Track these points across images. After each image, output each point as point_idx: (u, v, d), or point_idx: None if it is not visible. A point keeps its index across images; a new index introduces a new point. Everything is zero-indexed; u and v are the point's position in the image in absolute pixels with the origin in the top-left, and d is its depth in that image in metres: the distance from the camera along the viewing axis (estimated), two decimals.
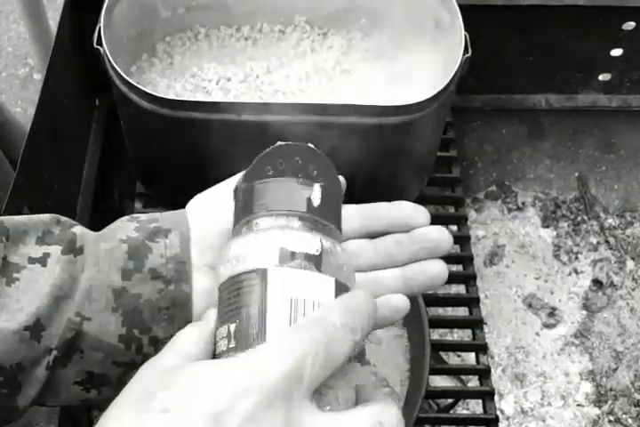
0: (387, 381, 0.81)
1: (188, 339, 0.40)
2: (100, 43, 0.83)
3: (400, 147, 0.89)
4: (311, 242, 0.40)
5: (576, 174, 1.28)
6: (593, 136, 1.30)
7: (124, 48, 0.92)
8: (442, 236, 0.52)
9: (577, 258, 1.20)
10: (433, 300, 0.97)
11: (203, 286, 0.48)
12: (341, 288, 0.41)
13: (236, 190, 0.44)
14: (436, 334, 1.07)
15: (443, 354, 1.04)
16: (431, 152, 0.97)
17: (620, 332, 1.13)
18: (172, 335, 0.45)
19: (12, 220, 0.48)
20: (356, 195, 0.94)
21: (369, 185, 0.94)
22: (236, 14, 0.99)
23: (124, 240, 0.47)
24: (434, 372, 0.93)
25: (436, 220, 1.13)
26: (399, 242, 0.52)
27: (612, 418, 1.06)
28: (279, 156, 0.43)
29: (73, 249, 0.47)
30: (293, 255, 0.39)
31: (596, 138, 1.30)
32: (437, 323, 0.98)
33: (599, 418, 1.07)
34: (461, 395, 0.97)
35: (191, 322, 0.46)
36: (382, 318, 0.48)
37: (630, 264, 1.19)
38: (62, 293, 0.45)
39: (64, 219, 0.50)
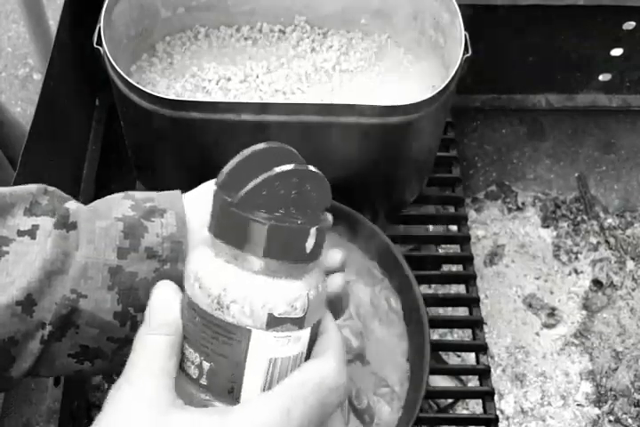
0: (387, 381, 0.81)
1: (161, 357, 0.42)
2: (99, 43, 0.83)
3: (400, 147, 0.89)
4: (300, 302, 0.41)
5: (576, 174, 1.28)
6: (593, 136, 1.30)
7: (124, 48, 0.92)
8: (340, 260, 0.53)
9: (577, 258, 1.20)
10: (433, 300, 0.97)
11: None
12: (315, 329, 0.43)
13: (221, 199, 0.42)
14: (435, 334, 1.07)
15: (443, 354, 1.04)
16: (431, 152, 0.97)
17: (619, 332, 1.13)
18: None
19: None
20: (356, 195, 0.95)
21: (369, 185, 0.94)
22: (235, 14, 0.99)
23: (120, 218, 0.47)
24: (434, 372, 0.93)
25: (436, 220, 1.14)
26: None
27: (611, 418, 1.06)
28: (279, 179, 0.41)
29: (66, 224, 0.46)
30: (280, 321, 0.40)
31: (596, 138, 1.30)
32: (437, 323, 0.98)
33: (599, 418, 1.07)
34: (461, 395, 0.97)
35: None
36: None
37: (630, 264, 1.19)
38: (55, 268, 0.45)
39: (52, 189, 0.49)
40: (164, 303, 0.44)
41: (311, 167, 0.42)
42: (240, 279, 0.40)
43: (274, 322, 0.40)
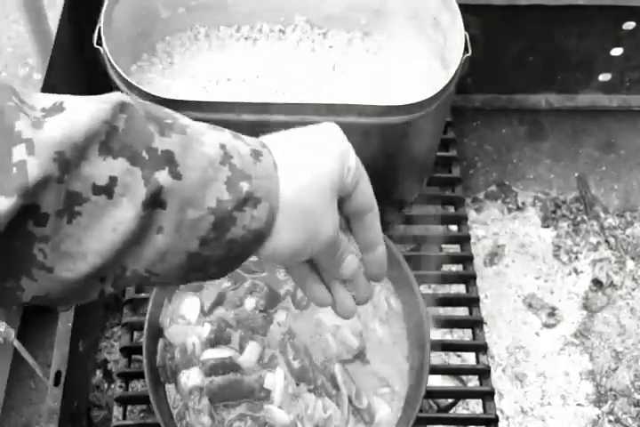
0: (387, 381, 0.81)
1: None
2: (99, 43, 0.83)
3: (400, 147, 0.89)
4: None
5: (576, 174, 1.28)
6: (593, 136, 1.30)
7: (124, 48, 0.92)
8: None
9: (577, 258, 1.20)
10: (433, 300, 0.97)
11: None
12: None
13: None
14: (436, 334, 1.07)
15: (443, 354, 1.04)
16: (431, 152, 0.97)
17: (619, 332, 1.13)
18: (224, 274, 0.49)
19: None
20: None
21: None
22: (236, 14, 0.99)
23: (213, 210, 0.46)
24: (434, 372, 0.93)
25: (436, 220, 1.13)
26: None
27: (611, 418, 1.06)
28: None
29: (154, 203, 0.44)
30: None
31: (596, 138, 1.30)
32: (437, 323, 0.98)
33: (599, 418, 1.07)
34: (461, 395, 0.97)
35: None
36: None
37: (630, 264, 1.19)
38: (131, 244, 0.44)
39: (147, 157, 0.44)
40: None
41: None
42: None
43: None
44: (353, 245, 0.56)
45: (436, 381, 0.98)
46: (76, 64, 1.04)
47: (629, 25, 1.14)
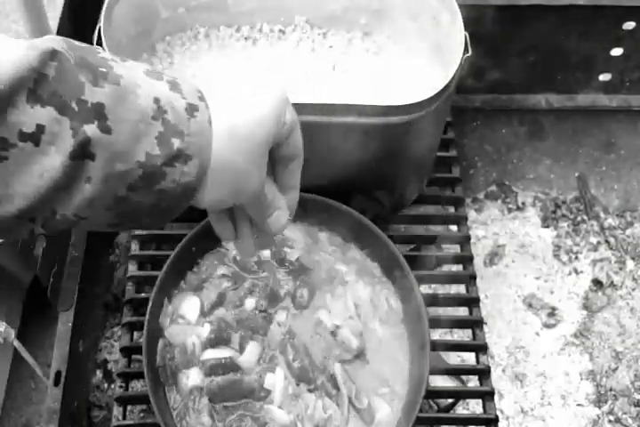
0: (387, 381, 0.81)
1: None
2: (100, 43, 0.83)
3: (400, 147, 0.89)
4: None
5: (576, 174, 1.28)
6: (593, 136, 1.30)
7: (124, 48, 0.92)
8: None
9: (577, 258, 1.20)
10: (433, 300, 0.97)
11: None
12: None
13: None
14: (436, 334, 1.07)
15: (443, 354, 1.04)
16: (431, 152, 0.97)
17: (619, 332, 1.13)
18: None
19: None
20: (356, 195, 0.95)
21: (369, 185, 0.94)
22: (236, 14, 0.99)
23: (142, 164, 0.46)
24: (434, 372, 0.93)
25: (436, 220, 1.14)
26: None
27: (611, 418, 1.06)
28: None
29: (84, 153, 0.44)
30: None
31: (596, 138, 1.30)
32: (437, 323, 0.98)
33: (599, 418, 1.07)
34: (461, 395, 0.97)
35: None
36: None
37: (630, 264, 1.19)
38: (60, 192, 0.44)
39: (60, 49, 0.43)
40: None
41: None
42: None
43: None
44: (281, 201, 0.58)
45: (436, 381, 0.98)
46: None
47: (629, 25, 1.14)
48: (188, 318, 0.83)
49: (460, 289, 1.09)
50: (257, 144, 0.50)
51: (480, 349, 0.94)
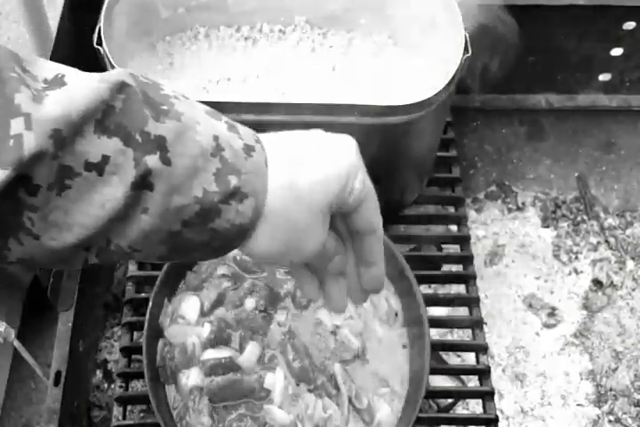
0: (387, 381, 0.81)
1: None
2: (99, 43, 0.83)
3: (400, 147, 0.89)
4: None
5: (576, 174, 1.28)
6: (593, 136, 1.30)
7: (124, 48, 0.92)
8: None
9: (577, 258, 1.20)
10: (433, 300, 0.97)
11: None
12: None
13: None
14: (436, 334, 1.07)
15: (443, 354, 1.04)
16: (431, 152, 0.97)
17: (619, 332, 1.13)
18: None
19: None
20: None
21: None
22: (236, 14, 0.99)
23: (199, 200, 0.46)
24: (434, 372, 0.93)
25: (436, 220, 1.14)
26: None
27: (611, 418, 1.06)
28: None
29: (143, 185, 0.44)
30: None
31: (596, 138, 1.30)
32: (437, 323, 0.98)
33: (599, 418, 1.07)
34: (461, 395, 0.97)
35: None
36: None
37: (630, 264, 1.19)
38: (117, 222, 0.44)
39: (130, 83, 0.44)
40: None
41: None
42: None
43: None
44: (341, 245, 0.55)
45: (436, 381, 0.98)
46: (76, 64, 1.03)
47: (629, 25, 1.14)
48: (187, 318, 0.83)
49: (459, 289, 1.09)
50: (319, 199, 0.49)
51: (480, 349, 0.94)
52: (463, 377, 1.03)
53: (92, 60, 0.86)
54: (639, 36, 1.15)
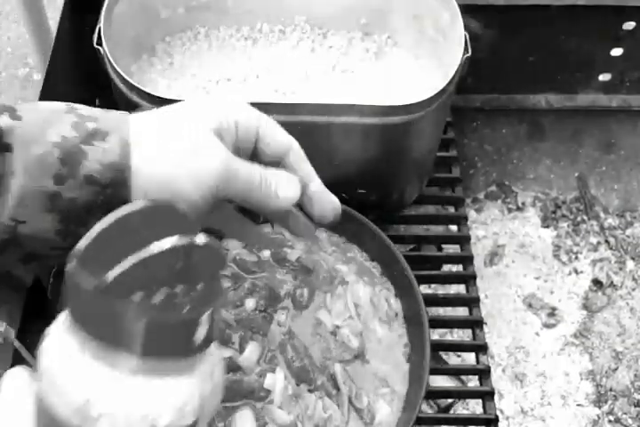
0: (387, 381, 0.81)
1: None
2: (100, 43, 0.83)
3: (400, 147, 0.89)
4: (191, 407, 0.33)
5: (576, 174, 1.28)
6: (593, 136, 1.30)
7: (124, 48, 0.92)
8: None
9: (577, 258, 1.20)
10: (433, 300, 0.97)
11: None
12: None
13: (86, 283, 0.32)
14: (436, 334, 1.07)
15: (443, 354, 1.04)
16: (431, 152, 0.97)
17: (619, 332, 1.13)
18: None
19: None
20: (356, 195, 0.95)
21: (369, 185, 0.94)
22: (236, 14, 0.99)
23: (57, 144, 0.44)
24: (434, 372, 0.93)
25: (436, 220, 1.14)
26: None
27: (611, 418, 1.06)
28: (156, 258, 0.32)
29: (0, 146, 0.43)
30: None
31: (596, 138, 1.30)
32: (437, 323, 0.98)
33: (599, 418, 1.07)
34: (461, 395, 0.97)
35: None
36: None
37: (630, 264, 1.19)
38: None
39: None
40: (11, 404, 0.34)
41: (198, 238, 0.33)
42: (111, 384, 0.31)
43: None
44: (279, 172, 0.50)
45: (436, 381, 0.98)
46: (76, 64, 1.04)
47: (629, 25, 1.14)
48: None
49: (459, 289, 1.09)
50: (195, 123, 0.47)
51: (480, 349, 0.94)
52: (463, 377, 1.03)
53: (92, 60, 0.86)
54: (639, 36, 1.15)
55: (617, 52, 1.18)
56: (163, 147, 0.46)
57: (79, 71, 1.05)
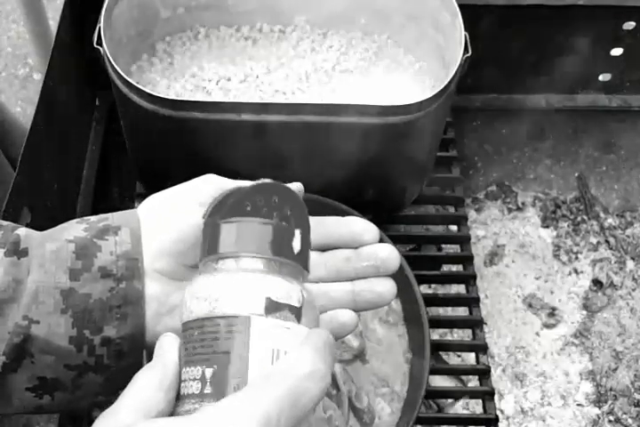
0: (387, 381, 0.81)
1: (148, 389, 0.38)
2: (99, 43, 0.83)
3: (400, 147, 0.89)
4: (295, 293, 0.40)
5: (576, 174, 1.28)
6: (593, 136, 1.30)
7: (124, 48, 0.92)
8: (390, 254, 0.50)
9: (577, 258, 1.20)
10: (433, 300, 0.97)
11: (153, 291, 0.47)
12: None
13: (208, 222, 0.43)
14: (436, 334, 1.07)
15: (443, 354, 1.04)
16: (431, 152, 0.97)
17: (619, 332, 1.13)
18: (124, 335, 0.45)
19: None
20: (356, 195, 0.95)
21: (369, 185, 0.94)
22: (236, 14, 0.99)
23: (71, 240, 0.46)
24: (434, 372, 0.93)
25: (436, 220, 1.14)
26: (348, 258, 0.51)
27: (611, 418, 1.06)
28: (258, 193, 0.43)
29: (17, 251, 0.45)
30: (278, 306, 0.39)
31: (596, 138, 1.30)
32: (437, 323, 0.98)
33: (599, 418, 1.07)
34: (461, 395, 0.97)
35: (143, 321, 0.45)
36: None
37: (630, 264, 1.19)
38: (6, 296, 0.44)
39: (5, 223, 0.48)
40: (164, 347, 0.40)
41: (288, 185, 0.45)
42: (235, 275, 0.40)
43: (272, 307, 0.39)
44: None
45: (436, 381, 0.98)
46: (76, 64, 1.04)
47: (629, 25, 1.14)
48: None
49: (459, 289, 1.09)
50: (185, 200, 0.51)
51: (480, 349, 0.94)
52: (463, 377, 1.03)
53: (92, 60, 0.86)
54: (639, 36, 1.15)
55: (617, 52, 1.18)
56: (167, 249, 0.48)
57: (79, 71, 1.05)
